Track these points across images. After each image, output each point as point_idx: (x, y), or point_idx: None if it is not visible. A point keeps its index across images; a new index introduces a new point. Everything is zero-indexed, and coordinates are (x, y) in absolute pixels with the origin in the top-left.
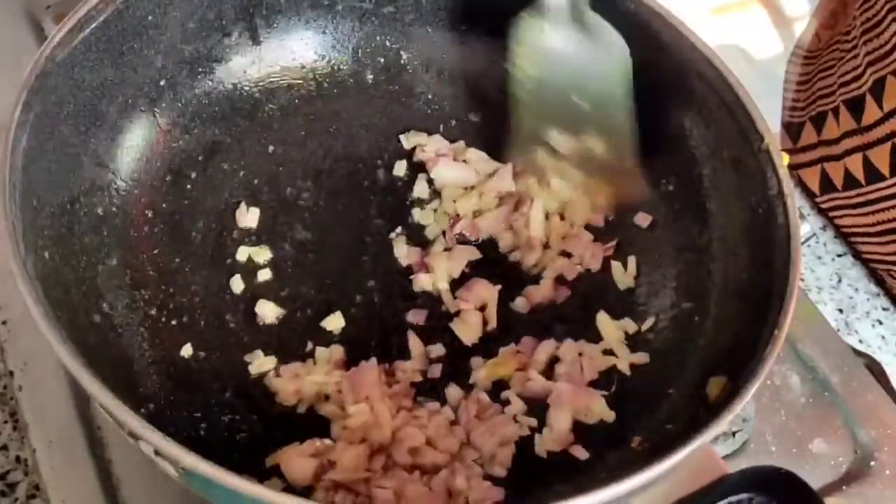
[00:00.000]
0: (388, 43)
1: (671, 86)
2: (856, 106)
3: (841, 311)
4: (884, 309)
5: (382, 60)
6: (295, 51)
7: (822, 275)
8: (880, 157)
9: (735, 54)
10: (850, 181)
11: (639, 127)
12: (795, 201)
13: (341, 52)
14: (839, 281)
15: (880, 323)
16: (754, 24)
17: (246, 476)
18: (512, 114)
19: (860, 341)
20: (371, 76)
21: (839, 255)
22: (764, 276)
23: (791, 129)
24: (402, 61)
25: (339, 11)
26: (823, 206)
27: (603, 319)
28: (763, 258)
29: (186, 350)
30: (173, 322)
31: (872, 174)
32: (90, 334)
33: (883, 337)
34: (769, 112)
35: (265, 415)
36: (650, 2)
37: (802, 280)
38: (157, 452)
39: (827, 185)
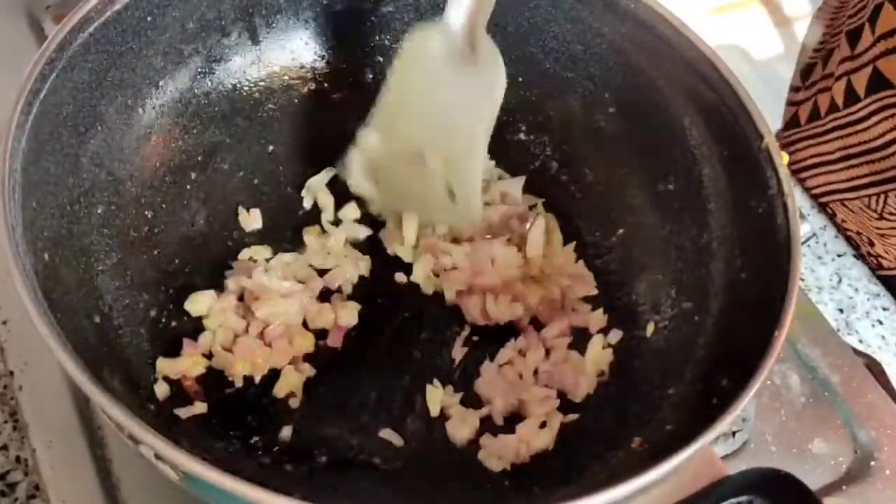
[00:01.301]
0: (387, 42)
1: (671, 86)
2: (854, 35)
3: (841, 311)
4: (884, 309)
5: (382, 59)
6: (294, 51)
7: (822, 275)
8: (861, 79)
9: (735, 54)
10: (832, 106)
11: (638, 127)
12: (795, 201)
13: (340, 52)
14: (839, 281)
15: (880, 323)
16: (754, 24)
17: (247, 479)
18: (369, 121)
19: (860, 341)
20: (370, 75)
21: (839, 255)
22: (764, 276)
23: (806, 70)
24: None
25: (338, 11)
26: (787, 139)
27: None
28: (763, 258)
29: None
30: (173, 323)
31: (851, 96)
32: (90, 335)
33: (883, 337)
34: (769, 112)
35: (265, 413)
36: (650, 2)
37: (802, 280)
38: (157, 456)
39: (814, 114)
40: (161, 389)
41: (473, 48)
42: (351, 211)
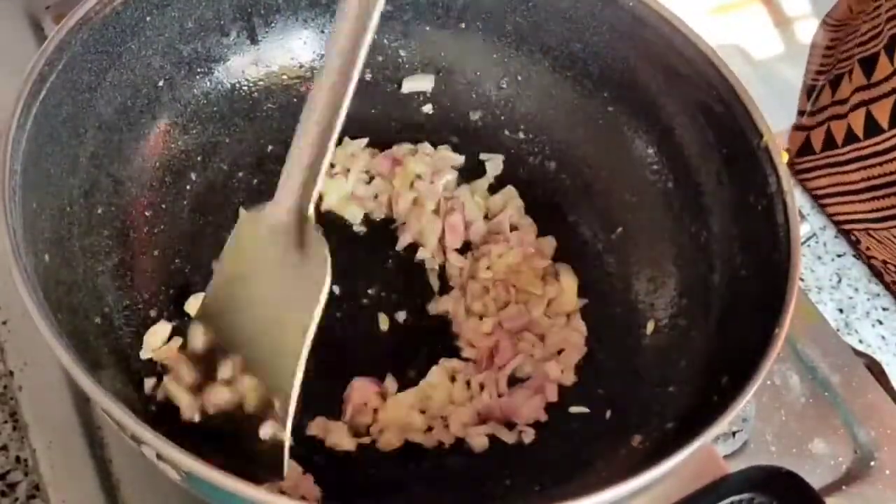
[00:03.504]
0: (385, 41)
1: (670, 84)
2: (869, 63)
3: (841, 311)
4: (884, 309)
5: (381, 59)
6: (293, 50)
7: (822, 275)
8: (882, 111)
9: (735, 54)
10: (850, 137)
11: (637, 125)
12: (795, 199)
13: None
14: (839, 281)
15: (880, 323)
16: (754, 24)
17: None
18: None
19: (860, 341)
20: (369, 75)
21: (839, 255)
22: (764, 275)
23: (811, 92)
24: (401, 59)
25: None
26: (801, 166)
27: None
28: (763, 256)
29: None
30: (174, 323)
31: (872, 127)
32: (91, 336)
33: (883, 337)
34: (769, 111)
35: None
36: (650, 1)
37: (802, 280)
38: (159, 456)
39: (830, 143)
40: (151, 384)
41: (302, 239)
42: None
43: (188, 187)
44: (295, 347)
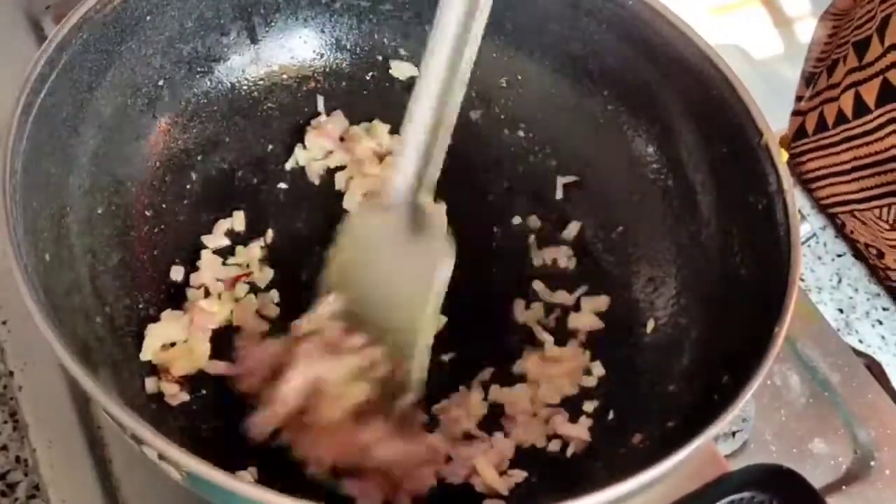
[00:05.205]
0: (385, 40)
1: (670, 83)
2: (862, 46)
3: (841, 311)
4: (884, 309)
5: (381, 58)
6: (293, 49)
7: (822, 275)
8: (870, 91)
9: (735, 54)
10: (840, 118)
11: (637, 124)
12: (795, 198)
13: (339, 50)
14: (839, 281)
15: (880, 323)
16: (754, 24)
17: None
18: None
19: (860, 341)
20: (370, 74)
21: (839, 255)
22: (764, 274)
23: (810, 80)
24: (401, 58)
25: (337, 9)
26: (795, 150)
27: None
28: (763, 255)
29: None
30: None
31: (860, 108)
32: (91, 336)
33: (883, 337)
34: (770, 111)
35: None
36: (650, 0)
37: (802, 280)
38: (160, 456)
39: (822, 125)
40: (152, 384)
41: (419, 222)
42: None
43: (188, 187)
44: (414, 323)
